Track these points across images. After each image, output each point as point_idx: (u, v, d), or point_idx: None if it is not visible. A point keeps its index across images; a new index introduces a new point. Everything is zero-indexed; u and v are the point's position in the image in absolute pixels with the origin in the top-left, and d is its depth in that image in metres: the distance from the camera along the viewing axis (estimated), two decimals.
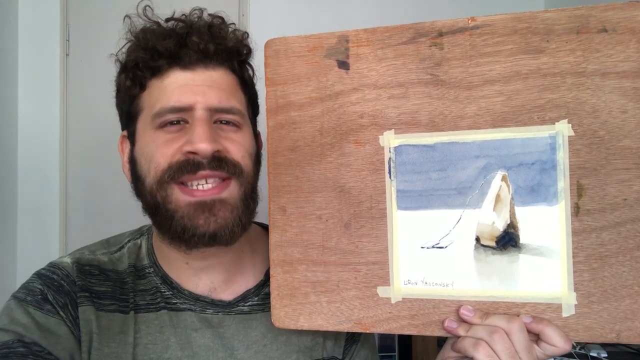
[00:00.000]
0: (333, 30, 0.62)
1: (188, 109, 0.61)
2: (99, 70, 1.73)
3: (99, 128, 1.68)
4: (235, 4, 1.82)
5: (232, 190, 0.61)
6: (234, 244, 0.63)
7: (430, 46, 0.57)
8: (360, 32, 0.59)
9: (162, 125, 0.61)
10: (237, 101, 0.64)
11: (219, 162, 0.60)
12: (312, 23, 1.84)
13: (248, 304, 0.69)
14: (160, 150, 0.60)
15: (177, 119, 0.61)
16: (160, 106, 0.61)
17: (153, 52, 0.61)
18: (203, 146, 0.58)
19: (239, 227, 0.61)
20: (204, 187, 0.60)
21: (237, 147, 0.63)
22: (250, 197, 0.63)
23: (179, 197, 0.60)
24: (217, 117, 0.63)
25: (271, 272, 0.63)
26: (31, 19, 1.73)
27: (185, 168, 0.59)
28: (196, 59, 0.61)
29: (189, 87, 0.61)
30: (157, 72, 0.62)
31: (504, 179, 0.55)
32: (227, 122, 0.63)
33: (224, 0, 1.81)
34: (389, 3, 1.88)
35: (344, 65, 0.60)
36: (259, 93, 0.71)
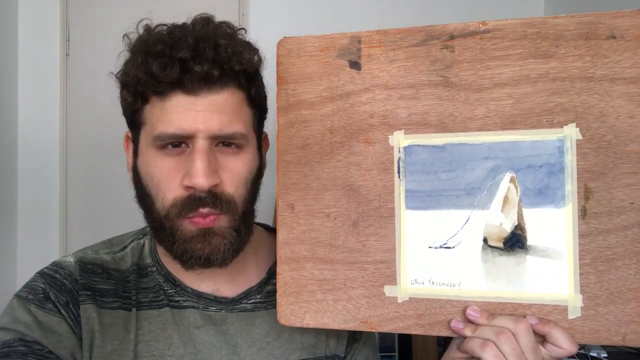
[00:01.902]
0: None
1: (189, 137, 0.60)
2: (99, 70, 1.73)
3: (99, 128, 1.67)
4: (235, 4, 1.83)
5: (222, 223, 0.62)
6: (228, 265, 0.64)
7: (442, 49, 0.58)
8: (373, 33, 0.60)
9: (163, 147, 0.61)
10: (240, 122, 0.63)
11: (214, 199, 0.60)
12: (312, 23, 1.85)
13: (251, 301, 0.70)
14: (164, 182, 0.61)
15: (178, 140, 0.61)
16: (161, 131, 0.60)
17: (155, 76, 0.59)
18: (200, 181, 0.58)
19: (230, 252, 0.62)
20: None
21: (232, 177, 0.62)
22: (242, 225, 0.64)
23: (186, 227, 0.61)
24: (218, 140, 0.62)
25: (278, 270, 0.63)
26: (31, 19, 1.73)
27: (189, 206, 0.60)
28: (199, 84, 0.59)
29: (191, 113, 0.59)
30: (159, 93, 0.60)
31: (512, 180, 0.56)
32: (229, 144, 0.63)
33: (224, 0, 1.82)
34: (388, 4, 1.89)
35: (355, 65, 0.60)
36: (269, 91, 0.69)
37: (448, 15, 1.73)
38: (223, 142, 0.62)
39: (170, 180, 0.61)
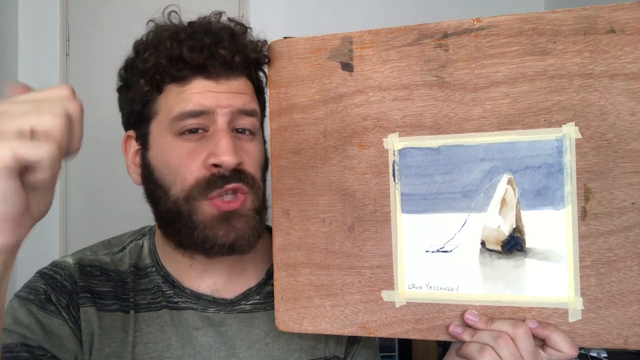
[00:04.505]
0: (333, 30, 0.61)
1: (209, 113, 0.60)
2: (99, 70, 1.73)
3: (99, 128, 1.67)
4: (235, 4, 1.81)
5: (247, 203, 0.62)
6: (250, 252, 0.63)
7: (435, 47, 0.56)
8: (364, 33, 0.59)
9: (181, 132, 0.61)
10: (256, 105, 0.65)
11: (239, 175, 0.60)
12: (312, 23, 1.83)
13: (250, 302, 0.69)
14: (185, 164, 0.61)
15: (197, 126, 0.61)
16: (180, 110, 0.60)
17: (178, 62, 0.60)
18: (228, 159, 0.58)
19: (254, 237, 0.62)
20: (226, 198, 0.61)
21: (252, 159, 0.63)
22: (262, 208, 0.64)
23: (206, 209, 0.60)
24: (235, 125, 0.63)
25: (275, 276, 0.62)
26: (31, 19, 1.73)
27: (214, 184, 0.60)
28: (221, 70, 0.61)
29: (212, 94, 0.61)
30: (179, 79, 0.61)
31: (509, 182, 0.55)
32: (243, 131, 0.64)
33: (224, 0, 1.80)
34: (389, 3, 1.87)
35: (347, 67, 0.59)
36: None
37: (451, 14, 1.70)
38: (237, 129, 0.63)
39: (192, 161, 0.60)
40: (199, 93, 0.60)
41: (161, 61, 0.61)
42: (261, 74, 0.69)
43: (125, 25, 0.67)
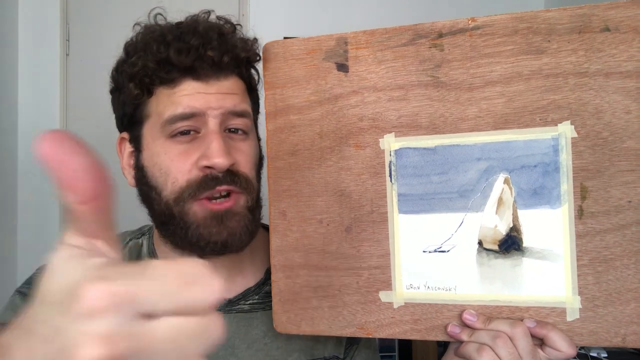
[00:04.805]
0: (332, 31, 0.61)
1: (199, 115, 0.60)
2: (99, 70, 1.72)
3: (99, 128, 1.68)
4: (235, 4, 1.81)
5: (240, 202, 0.63)
6: (243, 250, 0.64)
7: (430, 47, 0.56)
8: (359, 34, 0.58)
9: (173, 135, 0.61)
10: (247, 105, 0.65)
11: (232, 176, 0.61)
12: (312, 23, 1.83)
13: (249, 302, 0.70)
14: (175, 165, 0.61)
15: (188, 128, 0.61)
16: (170, 113, 0.61)
17: (166, 64, 0.60)
18: (220, 161, 0.59)
19: (246, 235, 0.63)
20: (218, 200, 0.62)
21: (246, 159, 0.63)
22: (255, 207, 0.65)
23: (197, 210, 0.61)
24: (227, 125, 0.63)
25: (272, 278, 0.62)
26: (31, 19, 1.73)
27: (205, 185, 0.60)
28: (210, 71, 0.61)
29: (202, 95, 0.61)
30: (168, 82, 0.61)
31: (506, 181, 0.55)
32: (236, 131, 0.64)
33: (224, 0, 1.80)
34: (389, 3, 1.87)
35: (342, 67, 0.59)
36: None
37: (450, 14, 1.69)
38: (230, 128, 0.63)
39: (183, 163, 0.61)
40: (188, 95, 0.60)
41: (149, 64, 0.61)
42: (253, 71, 0.69)
43: (125, 25, 0.68)
